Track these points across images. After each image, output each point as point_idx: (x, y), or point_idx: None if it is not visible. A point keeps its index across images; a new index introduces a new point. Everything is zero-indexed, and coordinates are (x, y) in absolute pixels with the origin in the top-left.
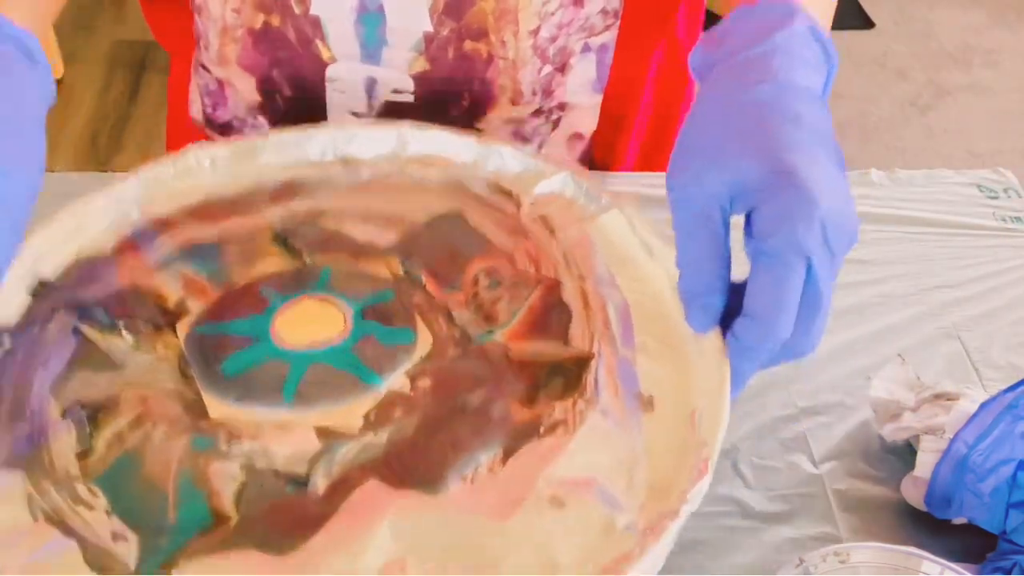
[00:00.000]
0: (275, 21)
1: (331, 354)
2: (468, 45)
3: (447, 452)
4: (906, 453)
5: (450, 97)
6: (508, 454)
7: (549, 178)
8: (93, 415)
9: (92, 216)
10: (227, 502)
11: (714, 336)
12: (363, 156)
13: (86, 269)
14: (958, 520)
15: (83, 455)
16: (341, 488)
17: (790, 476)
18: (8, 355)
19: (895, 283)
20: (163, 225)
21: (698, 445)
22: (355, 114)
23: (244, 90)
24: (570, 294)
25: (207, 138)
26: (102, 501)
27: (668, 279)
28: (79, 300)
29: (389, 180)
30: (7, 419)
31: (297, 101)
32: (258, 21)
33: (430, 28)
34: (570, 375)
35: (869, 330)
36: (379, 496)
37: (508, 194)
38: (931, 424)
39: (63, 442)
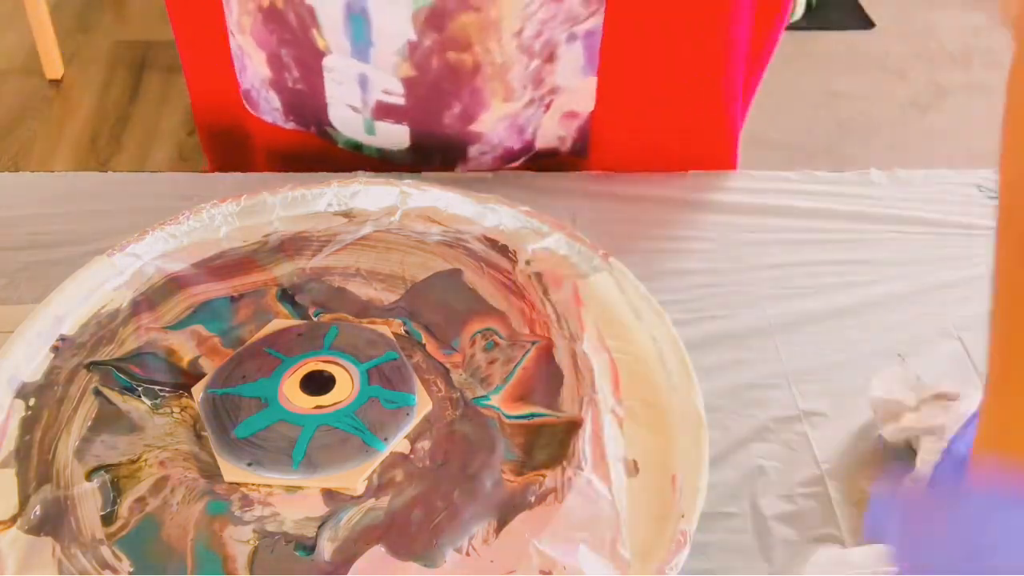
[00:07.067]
0: (279, 3)
1: (338, 417)
2: (452, 56)
3: (444, 523)
4: (906, 453)
5: (441, 104)
6: (501, 524)
7: (545, 237)
8: (116, 479)
9: (109, 272)
10: (241, 566)
11: (695, 399)
12: (365, 210)
13: (104, 326)
14: None
15: (107, 519)
16: (347, 554)
17: (792, 477)
18: (33, 414)
19: (895, 283)
20: (176, 282)
21: (678, 514)
22: (352, 108)
23: (257, 62)
24: (562, 355)
25: (234, 101)
26: (125, 564)
27: (653, 343)
28: (98, 359)
29: (390, 236)
30: (36, 482)
31: (303, 84)
32: (265, 0)
33: (413, 37)
34: (560, 441)
35: (869, 330)
36: (383, 565)
37: (504, 251)
38: (931, 424)
39: (89, 506)
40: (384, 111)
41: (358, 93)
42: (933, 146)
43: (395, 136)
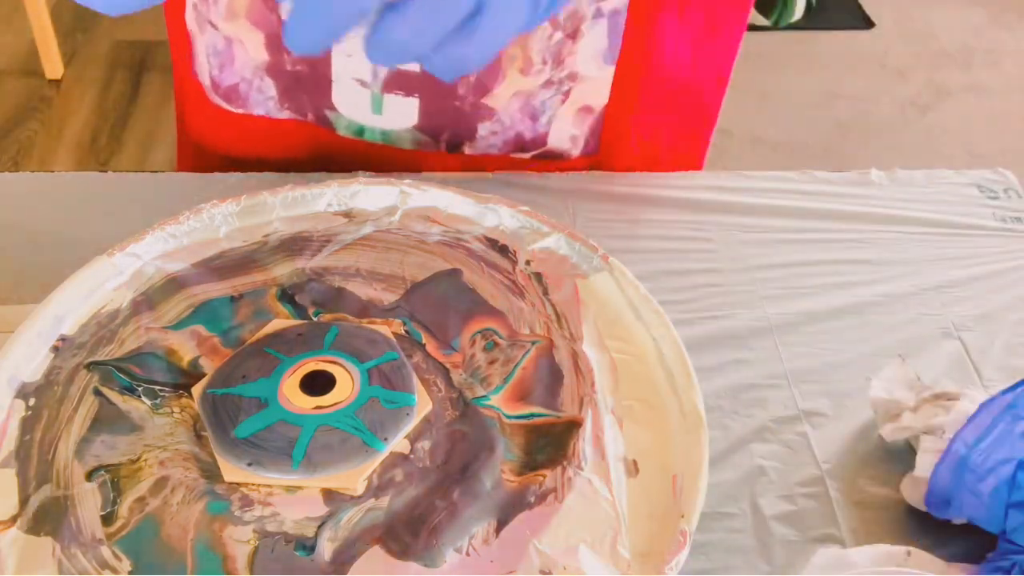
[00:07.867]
0: None
1: (338, 417)
2: None
3: (444, 523)
4: (906, 453)
5: None
6: (501, 524)
7: (545, 237)
8: (116, 479)
9: (109, 272)
10: (241, 567)
11: (695, 399)
12: (365, 210)
13: (104, 326)
14: (958, 520)
15: (107, 519)
16: (347, 554)
17: (791, 477)
18: (33, 414)
19: (895, 283)
20: (176, 282)
21: (678, 514)
22: (360, 82)
23: (252, 47)
24: (562, 355)
25: (212, 105)
26: (125, 564)
27: (653, 342)
28: (98, 359)
29: (390, 236)
30: (36, 482)
31: (304, 64)
32: None
33: None
34: (560, 441)
35: (869, 330)
36: (383, 566)
37: (504, 251)
38: (931, 424)
39: (89, 506)
40: (397, 82)
41: (369, 64)
42: (933, 146)
43: (403, 112)
